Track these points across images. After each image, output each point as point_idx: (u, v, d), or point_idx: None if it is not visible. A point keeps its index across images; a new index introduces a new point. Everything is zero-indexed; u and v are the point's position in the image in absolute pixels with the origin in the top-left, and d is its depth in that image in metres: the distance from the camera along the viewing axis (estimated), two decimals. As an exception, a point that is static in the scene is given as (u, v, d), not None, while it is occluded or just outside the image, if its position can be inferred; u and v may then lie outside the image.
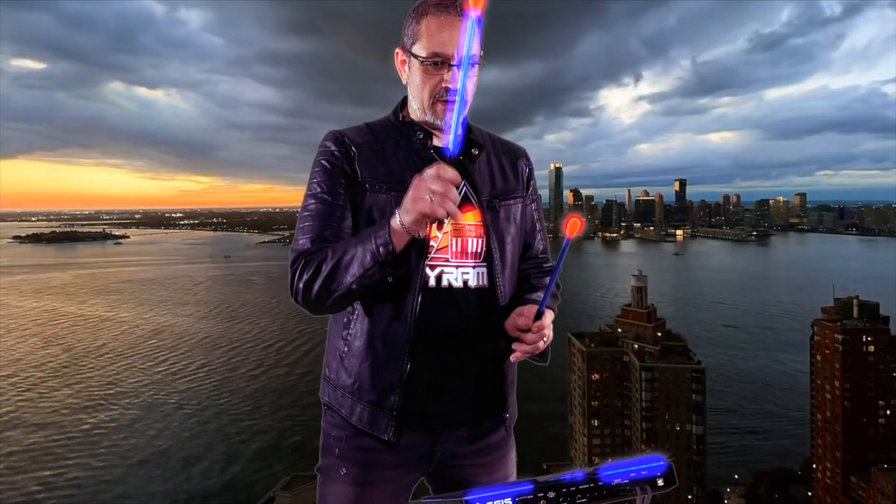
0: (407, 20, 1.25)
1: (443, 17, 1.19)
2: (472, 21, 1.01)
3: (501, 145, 1.41)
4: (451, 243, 1.26)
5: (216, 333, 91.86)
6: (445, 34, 1.19)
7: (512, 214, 1.35)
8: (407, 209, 1.09)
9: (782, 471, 50.44)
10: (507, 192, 1.35)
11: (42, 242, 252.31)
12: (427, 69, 1.22)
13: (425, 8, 1.22)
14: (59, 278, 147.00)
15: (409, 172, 1.19)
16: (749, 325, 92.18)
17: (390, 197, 1.23)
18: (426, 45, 1.20)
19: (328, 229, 1.22)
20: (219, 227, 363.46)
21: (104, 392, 67.82)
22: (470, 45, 1.04)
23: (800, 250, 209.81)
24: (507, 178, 1.36)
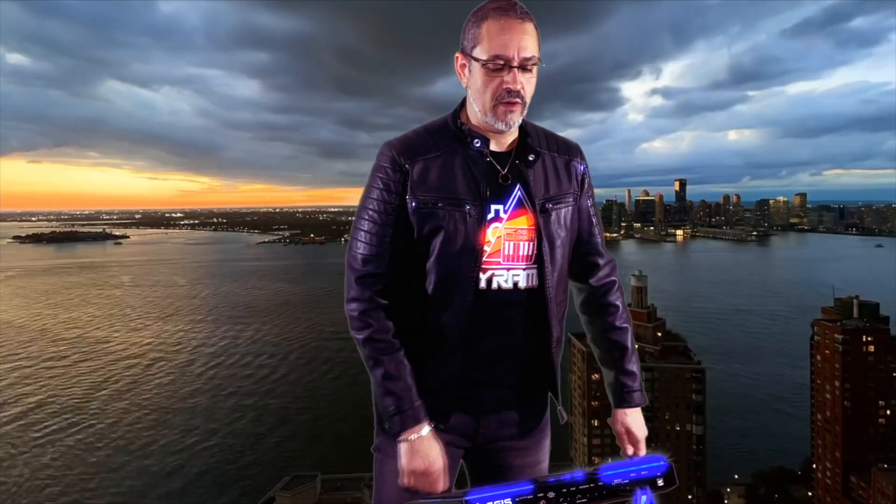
0: (467, 24, 1.31)
1: (503, 21, 1.25)
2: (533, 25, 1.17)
3: (557, 144, 1.44)
4: (503, 247, 1.33)
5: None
6: (506, 37, 1.24)
7: (563, 217, 1.39)
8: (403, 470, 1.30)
9: (782, 471, 50.41)
10: (559, 195, 1.39)
11: (42, 242, 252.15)
12: (488, 71, 1.27)
13: (485, 12, 1.27)
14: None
15: (463, 183, 1.31)
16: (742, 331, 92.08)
17: (444, 212, 1.31)
18: (487, 48, 1.26)
19: (379, 252, 1.34)
20: (219, 226, 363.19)
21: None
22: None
23: (800, 250, 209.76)
24: (561, 180, 1.40)
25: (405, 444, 1.29)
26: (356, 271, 1.34)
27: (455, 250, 1.31)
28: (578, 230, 1.45)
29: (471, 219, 1.31)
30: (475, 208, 1.31)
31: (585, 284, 1.51)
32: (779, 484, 48.54)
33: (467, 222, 1.31)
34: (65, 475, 50.57)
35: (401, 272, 1.35)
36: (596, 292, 1.50)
